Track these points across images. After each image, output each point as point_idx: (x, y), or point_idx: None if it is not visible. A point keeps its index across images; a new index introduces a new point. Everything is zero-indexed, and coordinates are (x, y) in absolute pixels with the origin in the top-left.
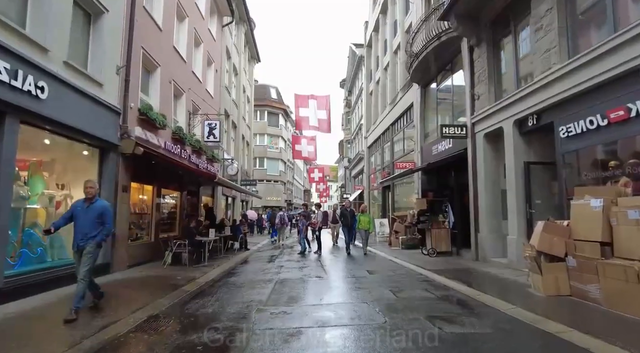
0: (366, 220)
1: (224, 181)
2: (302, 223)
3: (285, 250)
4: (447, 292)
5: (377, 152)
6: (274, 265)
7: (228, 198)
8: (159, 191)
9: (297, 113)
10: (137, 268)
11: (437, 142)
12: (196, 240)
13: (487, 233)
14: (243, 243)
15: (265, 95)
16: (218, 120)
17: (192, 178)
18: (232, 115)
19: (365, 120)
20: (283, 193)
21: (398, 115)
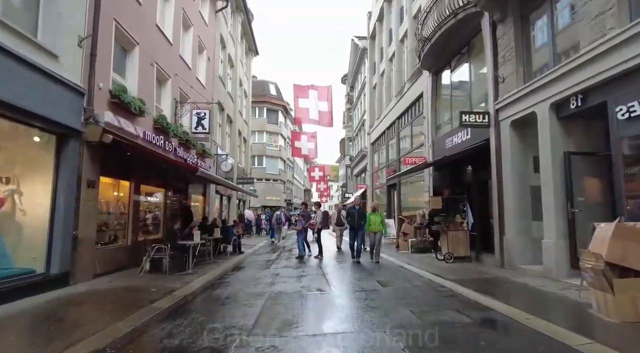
0: (378, 220)
1: (210, 175)
2: (300, 223)
3: (283, 253)
4: (485, 313)
5: (382, 148)
6: (269, 273)
7: (223, 197)
8: (137, 188)
9: (296, 105)
10: (107, 278)
11: (451, 133)
12: (179, 243)
13: (514, 236)
14: (237, 247)
15: (264, 92)
16: (208, 109)
17: (178, 175)
18: (227, 108)
19: (369, 115)
20: (282, 193)
21: (405, 107)
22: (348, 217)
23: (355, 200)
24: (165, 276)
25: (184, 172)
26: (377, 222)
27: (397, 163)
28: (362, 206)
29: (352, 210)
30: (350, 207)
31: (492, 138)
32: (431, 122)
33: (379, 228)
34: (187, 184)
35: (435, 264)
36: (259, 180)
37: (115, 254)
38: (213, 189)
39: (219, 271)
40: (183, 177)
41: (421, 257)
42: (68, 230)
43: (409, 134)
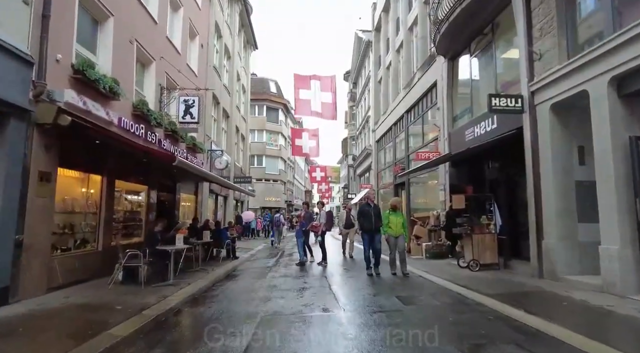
0: (399, 221)
1: (193, 168)
2: (301, 226)
3: (282, 259)
4: (559, 349)
5: (388, 145)
6: (264, 284)
7: (218, 197)
8: (111, 183)
9: (296, 96)
10: (66, 291)
11: (472, 124)
12: (159, 249)
13: (556, 240)
14: (231, 251)
15: (264, 89)
16: (197, 96)
17: (164, 170)
18: (222, 102)
19: (374, 111)
20: (283, 194)
21: (415, 99)
22: (360, 218)
23: (368, 195)
24: (140, 288)
25: (170, 167)
26: (399, 223)
27: (406, 160)
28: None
29: (366, 209)
30: (363, 204)
31: (526, 126)
32: (447, 113)
33: (401, 232)
34: (175, 181)
35: (458, 273)
36: (258, 181)
37: (83, 261)
38: (206, 188)
39: (206, 281)
40: (170, 173)
41: (439, 264)
42: (7, 234)
43: (420, 128)
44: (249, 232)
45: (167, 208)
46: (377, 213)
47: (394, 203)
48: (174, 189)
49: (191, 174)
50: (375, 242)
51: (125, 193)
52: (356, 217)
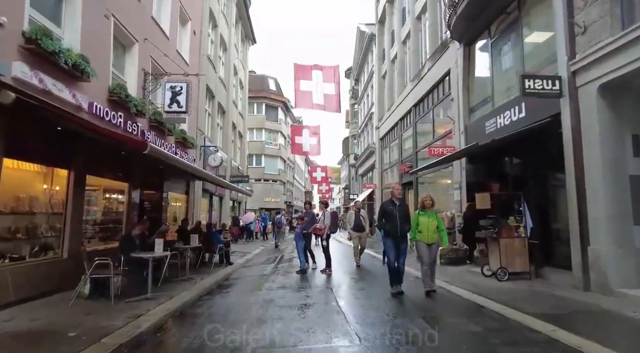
0: (433, 224)
1: (166, 156)
2: (301, 228)
3: (280, 264)
4: None
5: (393, 142)
6: (259, 299)
7: (213, 197)
8: (80, 179)
9: (296, 87)
10: (13, 311)
11: (494, 114)
12: (135, 256)
13: (607, 247)
14: (224, 256)
15: (262, 86)
16: (186, 82)
17: (150, 165)
18: (218, 96)
19: (377, 107)
20: (282, 194)
21: (425, 92)
22: (382, 219)
23: (392, 190)
24: (110, 304)
25: (151, 161)
26: (432, 227)
27: (414, 157)
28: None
29: (389, 208)
30: (386, 201)
31: (565, 112)
32: (462, 104)
33: (435, 238)
34: (162, 179)
35: (485, 284)
36: (257, 181)
37: (45, 272)
38: (199, 187)
39: (192, 294)
40: (156, 170)
41: (458, 272)
42: None
43: (430, 122)
44: (249, 234)
45: (153, 208)
46: (404, 214)
47: (425, 201)
48: (161, 187)
49: (180, 170)
50: (401, 250)
51: (101, 191)
52: (377, 217)
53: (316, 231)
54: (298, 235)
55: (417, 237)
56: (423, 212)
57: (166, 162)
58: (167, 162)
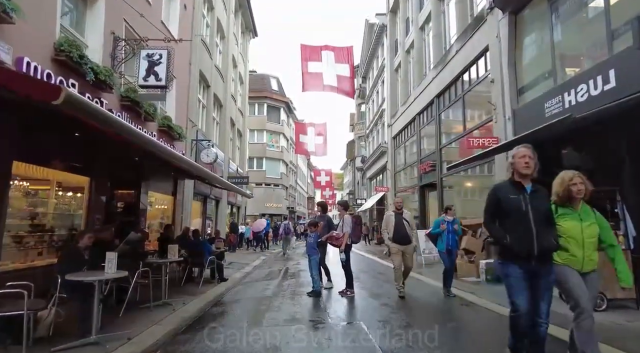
0: (593, 235)
1: (112, 121)
2: (313, 238)
3: (286, 281)
4: None
5: (410, 140)
6: (256, 347)
7: (207, 200)
8: (4, 168)
9: (304, 70)
10: None
11: (558, 92)
12: (76, 281)
13: None
14: (216, 271)
15: (264, 86)
16: (166, 49)
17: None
18: (214, 86)
19: (389, 104)
20: (284, 199)
21: (452, 78)
22: (493, 220)
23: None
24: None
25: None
26: (591, 238)
27: (437, 155)
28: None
29: (514, 198)
30: (503, 185)
31: None
32: (508, 85)
33: (593, 263)
34: (140, 174)
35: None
36: (257, 185)
37: None
38: (189, 187)
39: (161, 333)
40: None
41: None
42: None
43: (459, 112)
44: (262, 243)
45: (127, 211)
46: (544, 211)
47: (571, 185)
48: (137, 186)
49: (162, 162)
50: (540, 291)
51: (53, 186)
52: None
53: (332, 241)
54: (311, 247)
55: (565, 260)
56: (569, 210)
57: (131, 141)
58: (130, 138)
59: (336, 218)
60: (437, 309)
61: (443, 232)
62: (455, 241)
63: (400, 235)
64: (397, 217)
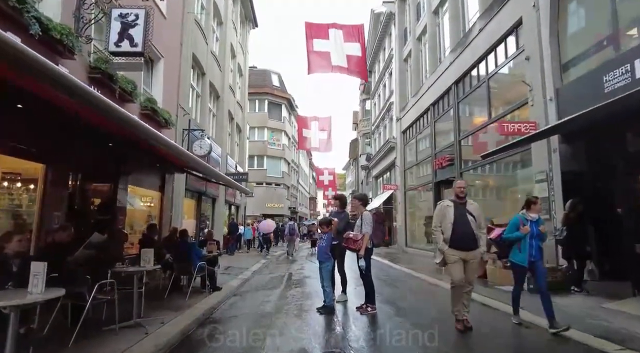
0: None
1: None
2: (325, 240)
3: (290, 290)
4: None
5: (422, 133)
6: None
7: (202, 198)
8: None
9: (308, 48)
10: None
11: (621, 62)
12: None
13: None
14: (207, 279)
15: (265, 82)
16: (144, 8)
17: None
18: (210, 74)
19: (398, 96)
20: (286, 200)
21: (475, 60)
22: None
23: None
24: None
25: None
26: None
27: (456, 147)
28: None
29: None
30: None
31: None
32: (550, 60)
33: None
34: (119, 166)
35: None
36: (258, 184)
37: None
38: (180, 183)
39: None
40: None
41: (572, 306)
42: None
43: (484, 97)
44: (267, 244)
45: (103, 209)
46: None
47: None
48: (115, 179)
49: (145, 150)
50: None
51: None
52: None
53: (349, 244)
54: (323, 252)
55: None
56: None
57: (101, 115)
58: (98, 112)
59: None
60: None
61: (524, 236)
62: (541, 250)
63: (463, 236)
64: (459, 209)
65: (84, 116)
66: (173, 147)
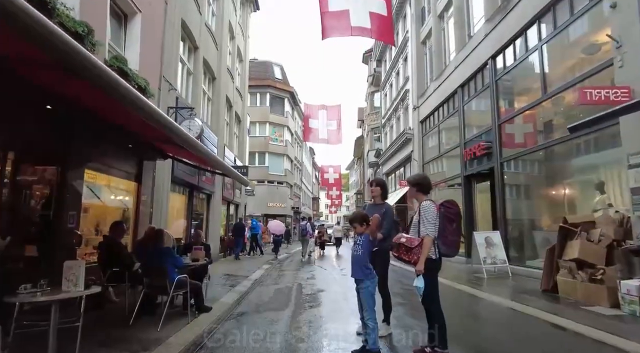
0: None
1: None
2: (362, 246)
3: (304, 312)
4: None
5: (450, 119)
6: None
7: (194, 193)
8: None
9: (322, 8)
10: None
11: None
12: None
13: None
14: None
15: (267, 74)
16: None
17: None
18: (204, 49)
19: (415, 82)
20: (289, 199)
21: (522, 25)
22: None
23: None
24: None
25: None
26: None
27: (494, 131)
28: None
29: None
30: None
31: None
32: None
33: None
34: (65, 137)
35: None
36: (260, 183)
37: None
38: (164, 171)
39: None
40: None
41: None
42: None
43: (536, 66)
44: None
45: (44, 201)
46: None
47: None
48: (62, 161)
49: (100, 106)
50: None
51: None
52: None
53: (402, 255)
54: (360, 263)
55: None
56: None
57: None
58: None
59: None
60: None
61: None
62: None
63: None
64: None
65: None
66: (147, 107)
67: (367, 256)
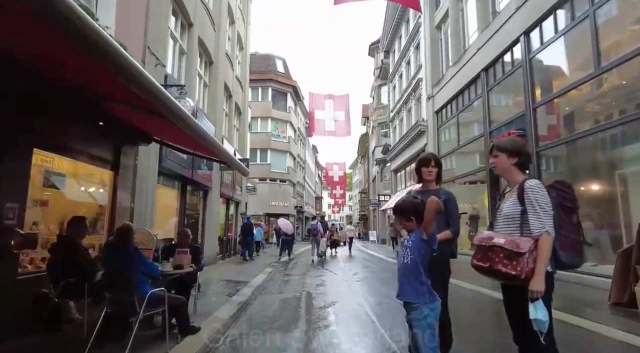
0: None
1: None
2: (418, 250)
3: (319, 341)
4: None
5: (470, 108)
6: None
7: (187, 187)
8: None
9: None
10: None
11: None
12: None
13: None
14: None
15: (269, 68)
16: None
17: None
18: (200, 29)
19: (430, 70)
20: (292, 198)
21: None
22: None
23: None
24: None
25: None
26: None
27: (529, 117)
28: None
29: None
30: None
31: None
32: None
33: None
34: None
35: None
36: (261, 181)
37: None
38: (149, 159)
39: None
40: None
41: None
42: None
43: (583, 40)
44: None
45: None
46: None
47: None
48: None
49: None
50: None
51: None
52: None
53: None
54: (411, 274)
55: None
56: None
57: None
58: None
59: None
60: None
61: None
62: None
63: None
64: None
65: None
66: (113, 52)
67: (424, 265)
